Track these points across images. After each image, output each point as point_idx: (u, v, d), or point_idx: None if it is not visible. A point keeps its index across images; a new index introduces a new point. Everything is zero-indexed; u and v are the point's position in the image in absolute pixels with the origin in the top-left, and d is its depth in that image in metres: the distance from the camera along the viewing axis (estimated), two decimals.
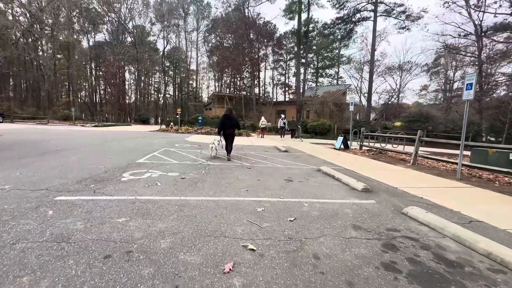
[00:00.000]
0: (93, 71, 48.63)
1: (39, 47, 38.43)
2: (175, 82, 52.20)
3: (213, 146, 7.78)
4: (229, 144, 7.94)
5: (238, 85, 44.68)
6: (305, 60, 39.78)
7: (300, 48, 37.08)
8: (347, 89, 36.62)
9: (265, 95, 46.43)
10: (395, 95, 37.91)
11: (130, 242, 2.23)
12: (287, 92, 49.90)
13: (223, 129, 7.83)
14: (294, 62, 47.04)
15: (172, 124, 23.12)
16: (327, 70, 50.93)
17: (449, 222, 3.05)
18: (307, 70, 42.98)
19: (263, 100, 38.83)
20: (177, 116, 25.06)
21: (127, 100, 47.84)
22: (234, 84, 47.05)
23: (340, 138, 12.60)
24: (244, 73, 40.18)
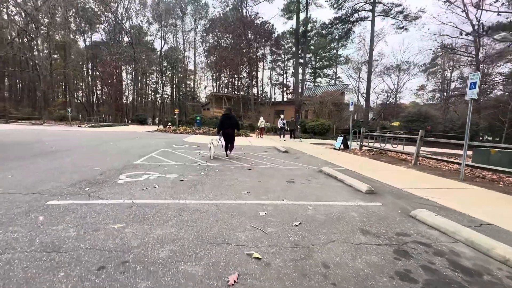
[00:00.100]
0: (90, 71, 48.17)
1: (35, 47, 37.99)
2: (173, 82, 51.93)
3: (212, 146, 7.66)
4: (230, 144, 7.89)
5: (236, 85, 44.53)
6: (304, 60, 39.70)
7: (299, 48, 37.04)
8: (345, 89, 36.62)
9: (263, 95, 46.35)
10: (393, 95, 38.01)
11: (126, 251, 2.07)
12: (285, 92, 49.90)
13: (222, 129, 7.76)
14: (292, 62, 47.08)
15: (170, 125, 22.92)
16: (325, 70, 51.02)
17: (461, 226, 2.92)
18: (305, 70, 42.91)
19: (261, 100, 38.74)
20: (175, 117, 24.86)
21: (124, 101, 47.47)
22: (232, 84, 46.89)
23: (340, 138, 12.50)
24: (242, 73, 40.04)
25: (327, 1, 33.81)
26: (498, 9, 20.92)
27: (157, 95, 52.07)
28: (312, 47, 44.08)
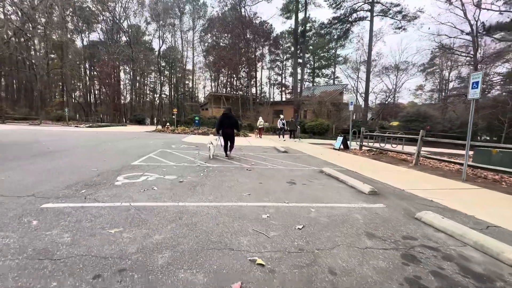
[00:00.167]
0: (88, 71, 47.85)
1: (32, 47, 37.68)
2: (171, 82, 51.65)
3: (211, 146, 7.62)
4: (229, 144, 7.85)
5: (235, 85, 44.42)
6: (303, 60, 39.66)
7: (297, 48, 36.97)
8: (344, 89, 36.64)
9: (262, 95, 46.26)
10: (391, 95, 38.05)
11: (124, 258, 1.98)
12: (284, 92, 49.83)
13: (222, 128, 7.70)
14: (291, 62, 47.00)
15: (168, 125, 22.78)
16: (324, 70, 51.01)
17: (468, 229, 2.85)
18: (304, 70, 42.86)
19: (260, 100, 38.64)
20: (173, 117, 24.72)
21: (122, 100, 47.19)
22: (231, 84, 46.78)
23: (340, 138, 12.44)
24: (241, 73, 39.93)
25: (326, 1, 33.81)
26: (500, 8, 20.93)
27: (155, 95, 51.88)
28: (311, 47, 44.06)
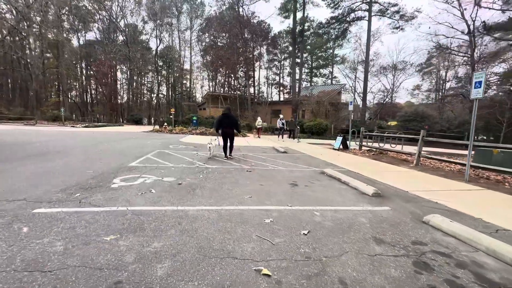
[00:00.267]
0: (84, 71, 47.37)
1: (27, 46, 37.20)
2: (169, 82, 51.35)
3: (211, 146, 7.68)
4: (229, 144, 7.81)
5: (233, 85, 44.26)
6: (301, 60, 39.59)
7: (295, 47, 36.88)
8: (342, 89, 36.62)
9: (260, 95, 46.14)
10: (389, 95, 38.13)
11: (120, 269, 1.84)
12: (282, 92, 49.75)
13: (221, 128, 7.64)
14: (289, 62, 46.94)
15: (166, 125, 22.57)
16: (321, 70, 50.97)
17: (479, 233, 2.75)
18: (302, 70, 42.81)
19: (258, 100, 38.49)
20: (171, 116, 24.50)
21: (119, 100, 46.81)
22: (229, 84, 46.59)
23: (339, 138, 12.35)
24: (239, 73, 39.76)
25: (324, 1, 33.70)
26: (501, 7, 20.96)
27: (153, 95, 51.56)
28: (309, 47, 43.98)
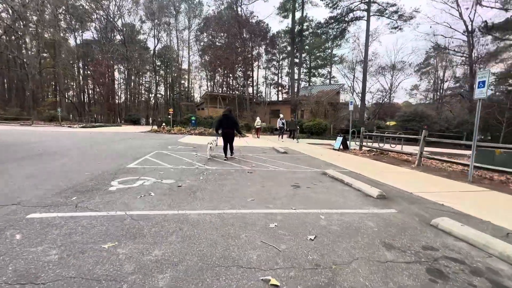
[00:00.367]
0: (81, 70, 46.99)
1: (23, 45, 36.80)
2: (167, 82, 51.11)
3: (211, 146, 7.77)
4: (229, 144, 7.83)
5: (231, 85, 44.10)
6: (299, 60, 39.53)
7: (294, 47, 36.79)
8: (341, 89, 36.60)
9: (258, 95, 46.04)
10: (387, 95, 38.19)
11: (119, 281, 1.73)
12: (281, 92, 49.69)
13: (221, 128, 7.68)
14: (287, 62, 46.86)
15: (164, 125, 22.39)
16: (320, 70, 50.93)
17: (491, 237, 2.66)
18: (301, 70, 42.78)
19: (257, 100, 38.39)
20: (169, 117, 24.32)
21: (117, 100, 46.43)
22: (227, 84, 46.42)
23: (339, 139, 12.27)
24: (237, 73, 39.62)
25: (323, 0, 33.66)
26: (505, 7, 20.99)
27: (151, 95, 51.19)
28: (307, 47, 43.92)
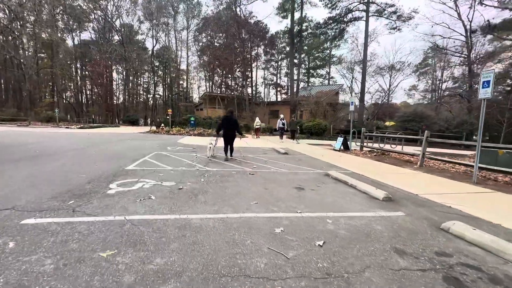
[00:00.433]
0: (79, 71, 46.76)
1: (20, 45, 36.50)
2: (165, 82, 50.96)
3: (211, 147, 7.87)
4: (230, 145, 7.86)
5: (230, 85, 43.99)
6: (299, 60, 39.49)
7: (293, 48, 36.74)
8: (340, 89, 36.59)
9: (257, 95, 45.96)
10: (386, 95, 38.22)
11: None
12: (280, 92, 49.65)
13: (222, 129, 7.77)
14: (286, 62, 46.84)
15: (163, 126, 22.24)
16: (318, 70, 50.95)
17: (506, 242, 2.56)
18: (300, 70, 42.72)
19: (256, 100, 38.30)
20: (168, 117, 24.18)
21: (115, 101, 46.24)
22: (226, 84, 46.32)
23: (340, 139, 12.19)
24: (236, 73, 39.51)
25: (321, 1, 33.62)
26: (508, 7, 21.01)
27: (149, 95, 51.02)
28: (306, 47, 43.90)
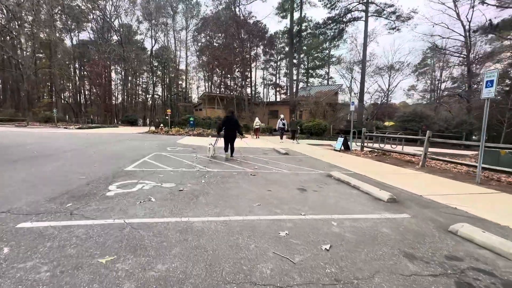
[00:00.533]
0: (77, 71, 46.54)
1: (18, 45, 36.27)
2: (164, 82, 50.76)
3: (211, 147, 7.89)
4: (230, 145, 7.91)
5: (229, 85, 43.91)
6: (298, 60, 39.46)
7: (293, 48, 36.71)
8: (339, 89, 36.58)
9: (256, 95, 45.87)
10: (385, 96, 38.23)
11: None
12: (279, 92, 49.60)
13: (223, 129, 7.83)
14: (285, 63, 46.81)
15: (162, 126, 22.12)
16: (318, 71, 50.95)
17: None
18: (299, 70, 42.69)
19: (255, 101, 38.24)
20: (167, 117, 24.07)
21: (114, 101, 46.09)
22: (225, 84, 46.23)
23: (341, 139, 12.13)
24: (236, 73, 39.43)
25: (321, 1, 33.63)
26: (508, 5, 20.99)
27: (148, 96, 50.87)
28: (305, 48, 43.88)
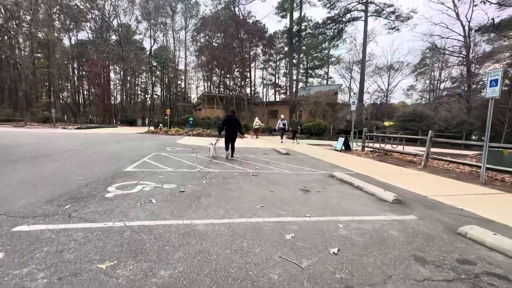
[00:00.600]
0: (76, 71, 46.34)
1: (16, 45, 36.09)
2: (163, 82, 50.60)
3: (211, 147, 7.89)
4: (231, 145, 7.85)
5: (229, 85, 43.78)
6: (297, 60, 39.40)
7: (292, 47, 36.66)
8: (339, 89, 36.57)
9: (256, 95, 45.77)
10: (385, 96, 38.25)
11: None
12: (278, 92, 49.49)
13: (224, 129, 7.77)
14: (285, 62, 46.75)
15: (161, 126, 22.01)
16: (317, 71, 50.90)
17: None
18: (299, 70, 42.64)
19: (255, 101, 38.15)
20: (166, 117, 23.96)
21: (113, 101, 45.90)
22: (224, 84, 46.09)
23: (341, 139, 12.07)
24: (235, 73, 39.32)
25: (320, 1, 33.63)
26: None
27: (147, 96, 50.74)
28: (304, 47, 43.84)
